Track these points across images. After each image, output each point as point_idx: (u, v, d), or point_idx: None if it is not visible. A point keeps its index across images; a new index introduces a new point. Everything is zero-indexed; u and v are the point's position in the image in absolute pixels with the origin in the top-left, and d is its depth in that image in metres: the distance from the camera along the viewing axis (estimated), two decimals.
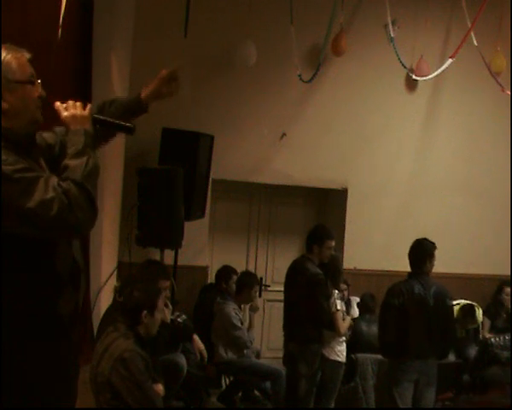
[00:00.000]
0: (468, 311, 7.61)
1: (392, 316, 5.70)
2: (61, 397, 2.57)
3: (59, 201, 2.30)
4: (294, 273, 6.30)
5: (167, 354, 5.83)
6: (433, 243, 5.86)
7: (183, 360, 6.04)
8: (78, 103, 2.62)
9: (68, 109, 2.58)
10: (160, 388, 4.37)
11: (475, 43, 7.15)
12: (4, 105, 2.46)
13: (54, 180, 2.36)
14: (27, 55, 2.56)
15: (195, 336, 6.38)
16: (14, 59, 2.49)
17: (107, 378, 3.85)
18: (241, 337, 6.86)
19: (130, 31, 6.88)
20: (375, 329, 6.96)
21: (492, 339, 6.88)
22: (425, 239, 5.90)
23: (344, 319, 6.54)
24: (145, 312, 4.07)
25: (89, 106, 2.65)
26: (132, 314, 4.06)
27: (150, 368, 4.06)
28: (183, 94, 7.97)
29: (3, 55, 2.47)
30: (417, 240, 5.91)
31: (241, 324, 7.01)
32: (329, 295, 6.25)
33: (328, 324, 6.29)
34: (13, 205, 2.28)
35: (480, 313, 7.85)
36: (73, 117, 2.57)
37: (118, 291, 4.66)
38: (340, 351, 6.50)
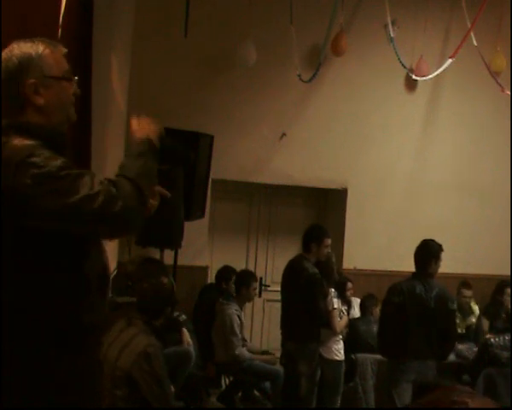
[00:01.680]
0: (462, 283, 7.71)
1: (391, 314, 5.70)
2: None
3: (106, 192, 2.19)
4: (292, 273, 6.31)
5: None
6: (440, 245, 5.82)
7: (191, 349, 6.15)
8: (149, 119, 2.56)
9: (140, 123, 2.52)
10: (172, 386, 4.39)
11: (475, 43, 7.16)
12: (40, 101, 2.38)
13: (100, 177, 2.25)
14: (63, 51, 2.48)
15: (184, 330, 6.47)
16: (51, 54, 2.40)
17: (126, 373, 3.84)
18: (233, 343, 6.88)
19: (131, 31, 6.89)
20: (375, 330, 6.97)
21: (492, 339, 6.88)
22: (432, 240, 5.86)
23: (341, 318, 6.56)
24: (168, 309, 4.11)
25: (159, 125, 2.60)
26: (154, 310, 4.07)
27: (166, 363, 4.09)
28: (182, 94, 8.02)
29: (40, 49, 2.38)
30: (424, 240, 5.88)
31: (242, 325, 7.03)
32: (326, 295, 6.28)
33: (325, 323, 6.32)
34: (57, 203, 2.17)
35: (476, 308, 7.92)
36: (141, 128, 2.50)
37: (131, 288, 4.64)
38: (337, 350, 6.52)
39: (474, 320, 7.99)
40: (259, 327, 8.68)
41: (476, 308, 8.11)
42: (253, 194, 8.69)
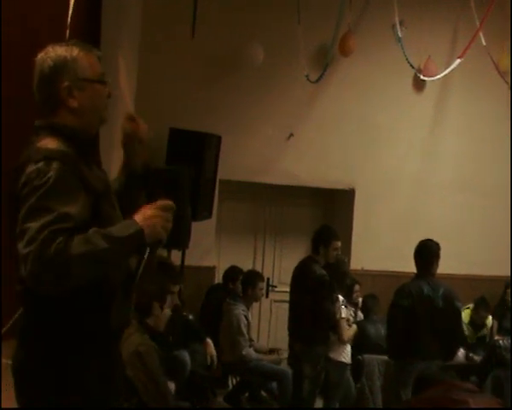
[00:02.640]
0: (480, 301, 7.63)
1: (400, 317, 5.68)
2: None
3: (34, 253, 2.10)
4: (300, 274, 6.30)
5: (173, 351, 5.85)
6: (438, 244, 5.85)
7: (187, 358, 6.06)
8: (168, 215, 2.39)
9: (151, 208, 2.35)
10: (171, 385, 4.38)
11: (484, 43, 7.12)
12: (74, 103, 2.41)
13: (66, 224, 2.15)
14: (98, 54, 2.52)
15: (209, 341, 6.38)
16: (85, 56, 2.44)
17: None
18: (240, 343, 6.87)
19: (138, 31, 6.90)
20: (380, 329, 6.96)
21: (500, 341, 6.86)
22: (429, 240, 5.88)
23: (350, 326, 6.54)
24: (156, 304, 4.09)
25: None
26: (143, 306, 4.06)
27: (163, 364, 4.08)
28: (190, 94, 8.02)
29: (75, 52, 2.41)
30: (422, 241, 5.89)
31: (249, 325, 7.03)
32: (334, 297, 6.25)
33: (332, 325, 6.30)
34: (24, 216, 2.18)
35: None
36: (150, 214, 2.32)
37: None
38: (344, 352, 6.51)
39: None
40: (266, 328, 8.67)
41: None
42: (261, 194, 8.68)
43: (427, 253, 5.79)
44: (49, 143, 2.32)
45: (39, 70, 2.41)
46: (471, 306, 7.79)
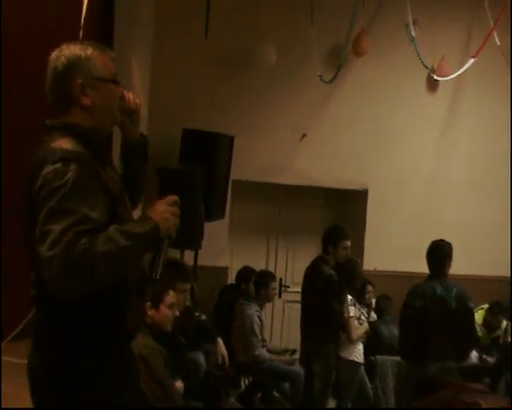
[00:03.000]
0: (497, 305, 7.59)
1: (413, 318, 5.65)
2: None
3: (59, 257, 2.08)
4: (310, 274, 6.35)
5: (187, 353, 5.85)
6: (450, 244, 5.82)
7: (202, 359, 6.05)
8: (176, 210, 2.42)
9: (162, 204, 2.37)
10: (179, 385, 4.38)
11: (498, 42, 7.09)
12: (87, 101, 2.39)
13: (86, 226, 2.14)
14: (111, 54, 2.51)
15: (219, 340, 6.38)
16: (99, 56, 2.43)
17: None
18: (253, 344, 6.88)
19: (151, 32, 6.92)
20: (393, 330, 6.94)
21: None
22: (442, 240, 5.85)
23: (360, 324, 6.53)
24: (149, 303, 4.06)
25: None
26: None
27: (170, 365, 4.07)
28: (203, 95, 8.03)
29: (89, 51, 2.41)
30: (435, 242, 5.86)
31: (262, 325, 7.03)
32: (342, 297, 6.26)
33: (340, 325, 6.31)
34: (40, 218, 2.17)
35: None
36: (162, 211, 2.34)
37: None
38: (356, 351, 6.50)
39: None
40: (279, 328, 8.67)
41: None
42: (274, 194, 8.68)
43: (439, 253, 5.77)
44: (64, 143, 2.30)
45: (53, 68, 2.40)
46: (485, 307, 7.75)
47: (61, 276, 2.08)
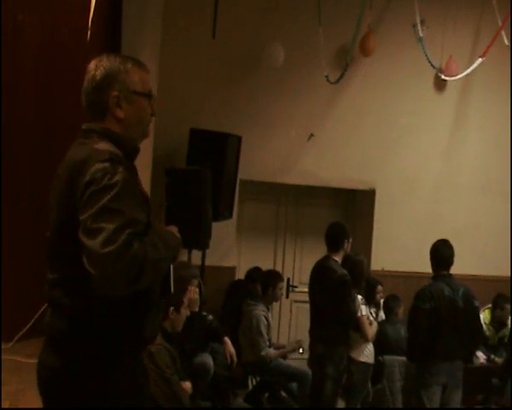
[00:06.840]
0: (498, 296, 7.57)
1: (422, 320, 5.63)
2: None
3: (116, 252, 2.11)
4: (320, 274, 6.26)
5: (196, 354, 5.85)
6: (451, 246, 5.83)
7: (210, 361, 6.06)
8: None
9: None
10: (187, 385, 4.39)
11: (506, 42, 7.06)
12: (120, 114, 2.46)
13: (135, 228, 2.18)
14: (149, 71, 2.59)
15: (227, 339, 6.37)
16: (137, 70, 2.51)
17: None
18: (260, 344, 6.88)
19: (159, 32, 6.92)
20: (399, 330, 6.94)
21: None
22: (444, 240, 5.85)
23: (371, 324, 6.53)
24: (172, 308, 4.10)
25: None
26: None
27: (178, 364, 4.08)
28: (211, 95, 8.03)
29: (128, 64, 2.48)
30: (438, 241, 5.85)
31: (269, 326, 7.03)
32: (354, 297, 6.24)
33: (354, 325, 6.28)
34: (86, 217, 2.18)
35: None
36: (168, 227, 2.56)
37: None
38: (366, 352, 6.49)
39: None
40: (287, 328, 8.68)
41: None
42: (281, 194, 8.69)
43: (444, 253, 5.76)
44: (106, 146, 2.36)
45: (91, 76, 2.46)
46: (491, 306, 7.74)
47: (114, 274, 2.11)
